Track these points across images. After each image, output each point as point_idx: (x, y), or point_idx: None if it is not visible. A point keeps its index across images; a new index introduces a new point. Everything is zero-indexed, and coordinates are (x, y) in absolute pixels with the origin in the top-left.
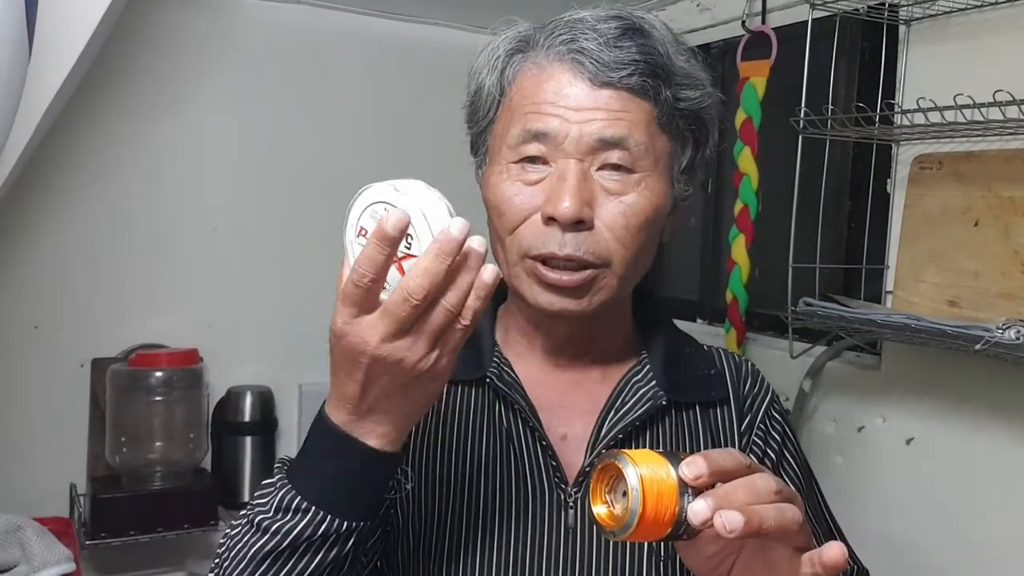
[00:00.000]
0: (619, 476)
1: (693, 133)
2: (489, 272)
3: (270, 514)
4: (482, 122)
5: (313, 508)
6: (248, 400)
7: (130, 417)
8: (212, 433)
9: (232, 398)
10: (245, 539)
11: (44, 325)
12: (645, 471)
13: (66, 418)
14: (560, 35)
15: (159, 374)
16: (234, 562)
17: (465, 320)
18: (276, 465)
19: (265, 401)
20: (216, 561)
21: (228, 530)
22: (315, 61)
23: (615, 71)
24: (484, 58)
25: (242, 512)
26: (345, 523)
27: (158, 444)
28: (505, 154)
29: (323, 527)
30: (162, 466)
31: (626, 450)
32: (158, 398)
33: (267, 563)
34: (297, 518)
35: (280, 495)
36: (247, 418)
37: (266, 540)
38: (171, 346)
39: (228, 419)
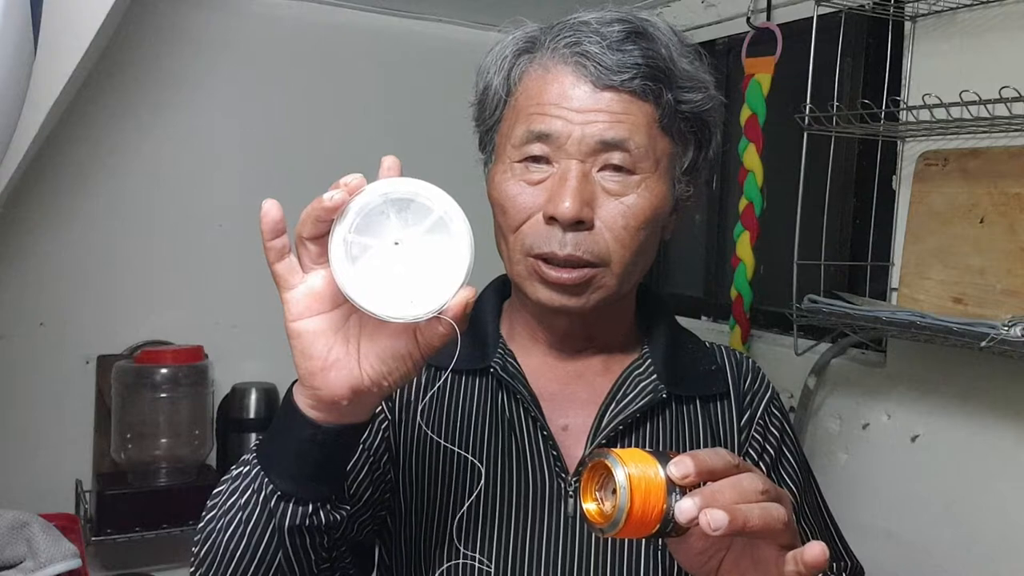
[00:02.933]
0: (608, 474)
1: (695, 135)
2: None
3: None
4: (489, 121)
5: (252, 459)
6: (253, 397)
7: (135, 414)
8: (217, 430)
9: (237, 395)
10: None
11: (50, 322)
12: (633, 470)
13: (72, 415)
14: (565, 37)
15: (164, 371)
16: (211, 508)
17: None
18: None
19: (270, 398)
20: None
21: None
22: (321, 58)
23: (617, 74)
24: (492, 58)
25: None
26: (267, 478)
27: (163, 441)
28: (510, 153)
29: (252, 481)
30: (167, 463)
31: (615, 449)
32: (163, 395)
33: (228, 512)
34: (242, 468)
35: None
36: (252, 415)
37: (224, 488)
38: (176, 343)
39: (233, 416)
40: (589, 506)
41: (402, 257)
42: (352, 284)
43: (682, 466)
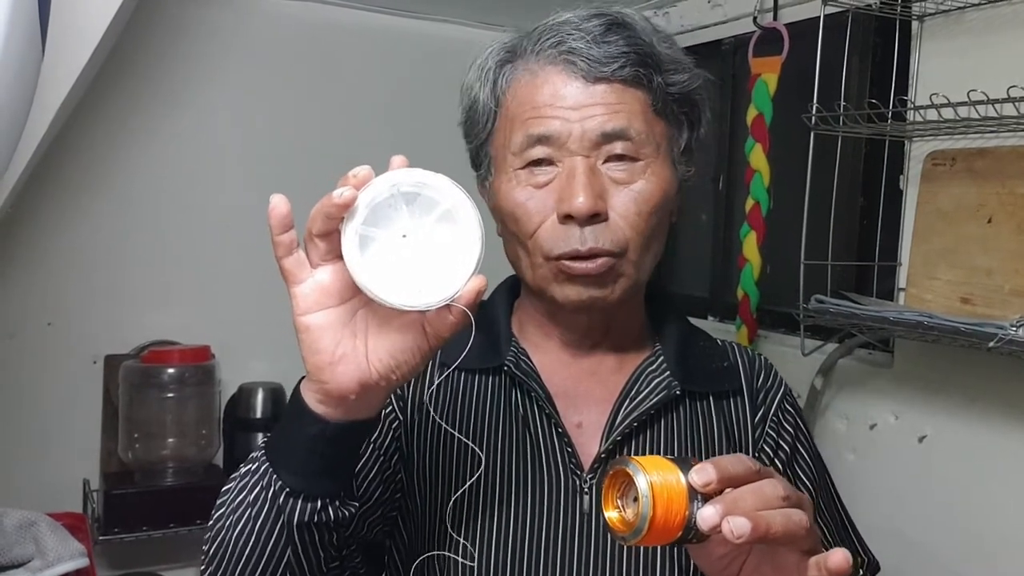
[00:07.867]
0: (630, 482)
1: (687, 115)
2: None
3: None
4: (481, 135)
5: (261, 456)
6: (259, 396)
7: (143, 413)
8: (224, 429)
9: (244, 394)
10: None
11: (57, 322)
12: (655, 478)
13: (79, 414)
14: (548, 39)
15: (171, 371)
16: (221, 506)
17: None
18: None
19: (276, 397)
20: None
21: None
22: (327, 57)
23: (607, 65)
24: (474, 74)
25: None
26: (276, 475)
27: (170, 440)
28: (511, 161)
29: (260, 477)
30: (174, 462)
31: (637, 456)
32: (170, 394)
33: (237, 510)
34: (251, 466)
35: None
36: (258, 414)
37: (233, 485)
38: (183, 343)
39: (240, 415)
40: (611, 514)
41: (414, 247)
42: (366, 275)
43: (704, 473)
